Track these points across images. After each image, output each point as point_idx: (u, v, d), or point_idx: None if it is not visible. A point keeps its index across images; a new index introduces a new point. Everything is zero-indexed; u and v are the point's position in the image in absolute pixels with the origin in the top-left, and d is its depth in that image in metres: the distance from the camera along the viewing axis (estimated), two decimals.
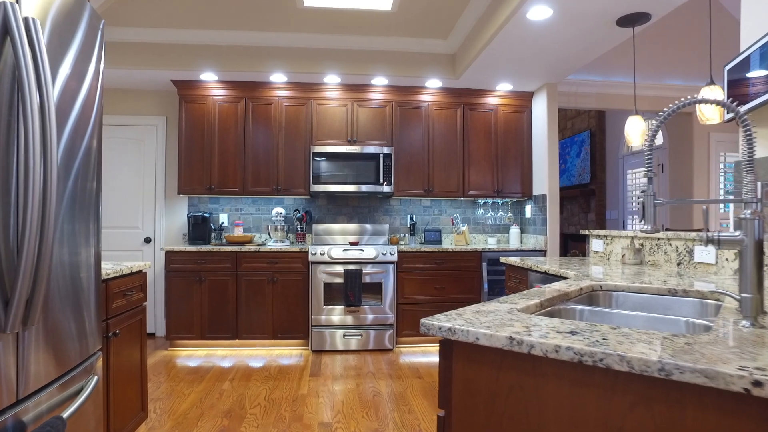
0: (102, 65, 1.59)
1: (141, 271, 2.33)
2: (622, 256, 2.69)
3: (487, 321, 1.06)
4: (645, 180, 6.24)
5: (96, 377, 1.42)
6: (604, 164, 7.19)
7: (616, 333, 0.95)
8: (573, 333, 0.95)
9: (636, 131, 3.00)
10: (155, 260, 4.68)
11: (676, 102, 1.20)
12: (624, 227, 6.67)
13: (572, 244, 7.62)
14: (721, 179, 5.47)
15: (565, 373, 0.88)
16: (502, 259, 3.13)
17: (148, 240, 4.66)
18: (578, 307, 1.42)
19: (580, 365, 0.86)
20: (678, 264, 2.37)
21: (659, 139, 6.03)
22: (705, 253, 2.17)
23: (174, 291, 4.09)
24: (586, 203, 7.52)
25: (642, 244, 2.68)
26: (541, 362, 0.91)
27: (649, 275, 2.01)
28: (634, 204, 6.52)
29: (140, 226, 4.67)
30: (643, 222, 1.44)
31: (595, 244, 3.13)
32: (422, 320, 1.06)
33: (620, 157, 6.75)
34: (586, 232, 3.21)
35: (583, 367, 0.86)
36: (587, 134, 7.35)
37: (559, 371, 0.89)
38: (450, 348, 1.04)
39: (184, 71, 4.17)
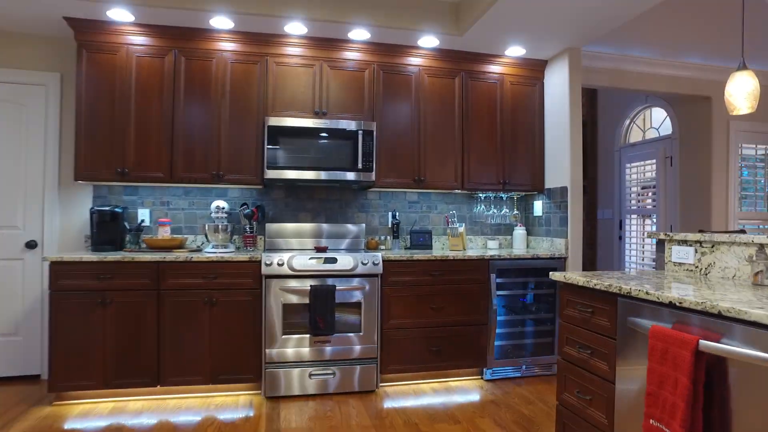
0: None
1: None
2: (756, 274, 1.77)
3: None
4: (648, 175, 5.53)
5: None
6: (596, 157, 6.46)
7: None
8: None
9: (742, 93, 2.10)
10: (42, 272, 3.37)
11: None
12: (621, 228, 5.95)
13: None
14: (740, 173, 4.82)
15: None
16: (554, 276, 2.14)
17: (32, 245, 3.34)
18: None
19: None
20: None
21: (666, 128, 5.32)
22: None
23: (64, 319, 2.83)
24: None
25: None
26: None
27: None
28: (633, 202, 5.80)
29: (20, 225, 3.34)
30: None
31: (678, 253, 2.22)
32: None
33: (616, 149, 6.02)
34: (661, 235, 2.30)
35: None
36: None
37: None
38: None
39: (82, 2, 2.91)
